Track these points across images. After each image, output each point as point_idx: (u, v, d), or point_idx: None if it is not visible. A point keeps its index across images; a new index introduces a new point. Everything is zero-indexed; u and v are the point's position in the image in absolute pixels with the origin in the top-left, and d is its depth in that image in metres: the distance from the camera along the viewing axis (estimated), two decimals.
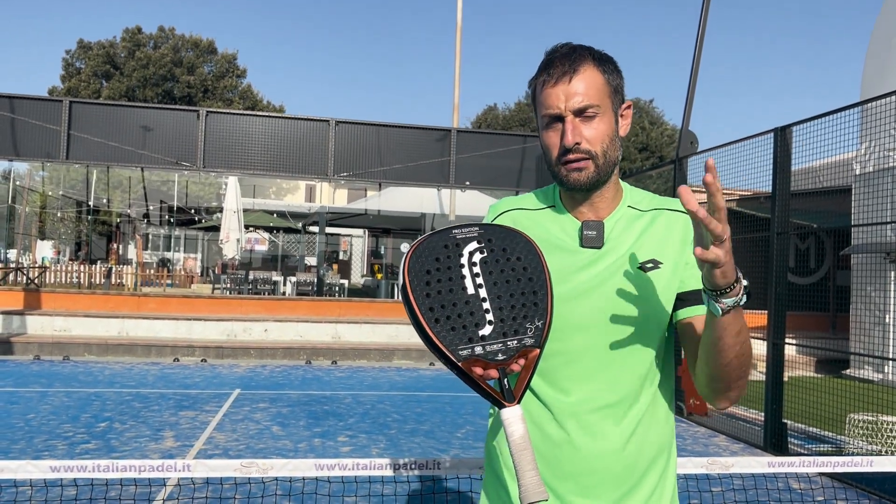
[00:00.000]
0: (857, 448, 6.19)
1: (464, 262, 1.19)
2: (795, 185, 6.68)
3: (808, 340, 10.52)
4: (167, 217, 24.68)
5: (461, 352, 1.14)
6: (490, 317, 1.17)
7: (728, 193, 11.97)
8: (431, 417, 7.45)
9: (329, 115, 11.75)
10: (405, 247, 24.58)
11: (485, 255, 1.20)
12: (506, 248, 1.20)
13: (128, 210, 26.45)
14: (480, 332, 1.15)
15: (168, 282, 20.11)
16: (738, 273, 1.16)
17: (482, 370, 1.14)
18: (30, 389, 8.21)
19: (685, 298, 1.36)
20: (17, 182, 26.42)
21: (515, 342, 1.16)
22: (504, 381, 1.15)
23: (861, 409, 6.65)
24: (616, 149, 1.37)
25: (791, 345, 6.97)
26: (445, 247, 1.20)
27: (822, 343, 11.44)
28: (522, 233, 1.23)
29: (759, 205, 10.81)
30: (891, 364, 9.68)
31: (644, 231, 1.40)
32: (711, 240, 1.07)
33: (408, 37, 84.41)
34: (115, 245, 25.96)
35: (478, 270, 1.19)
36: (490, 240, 1.20)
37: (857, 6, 73.14)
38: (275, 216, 22.55)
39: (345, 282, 18.92)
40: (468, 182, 12.23)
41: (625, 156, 31.22)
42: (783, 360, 6.35)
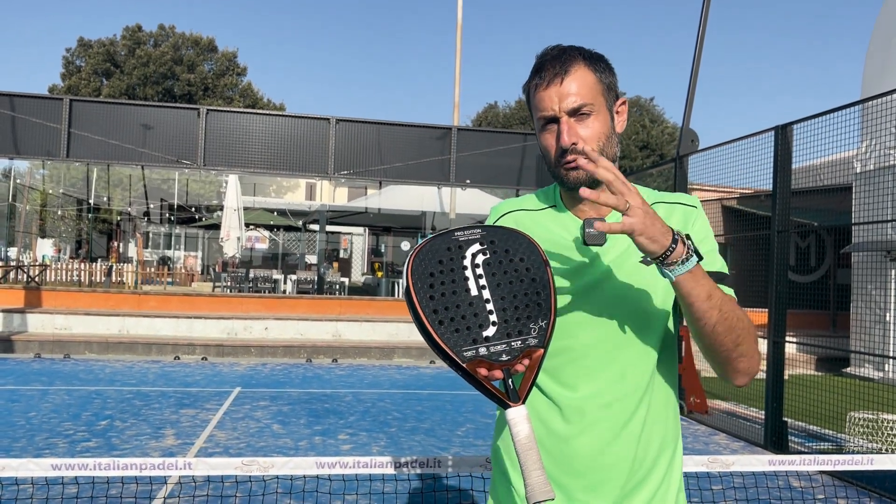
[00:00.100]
0: (858, 446, 6.19)
1: (467, 264, 1.20)
2: (796, 184, 6.68)
3: (809, 338, 10.53)
4: (168, 215, 24.69)
5: (465, 353, 1.14)
6: (494, 318, 1.17)
7: (729, 191, 11.96)
8: (432, 415, 7.46)
9: (329, 114, 11.76)
10: (406, 245, 24.61)
11: (487, 257, 1.21)
12: (508, 250, 1.20)
13: (128, 208, 26.48)
14: (484, 334, 1.16)
15: (168, 280, 20.12)
16: (678, 235, 1.18)
17: (487, 371, 1.15)
18: (31, 387, 8.22)
19: None
20: (18, 180, 26.44)
21: (519, 342, 1.17)
22: (509, 382, 1.15)
23: (861, 408, 6.65)
24: (613, 145, 1.38)
25: (792, 343, 6.98)
26: (448, 249, 1.20)
27: (823, 341, 11.44)
28: (525, 234, 1.24)
29: (760, 203, 10.81)
30: (891, 362, 9.68)
31: None
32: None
33: (408, 35, 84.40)
34: (116, 243, 25.98)
35: (481, 272, 1.20)
36: (493, 241, 1.20)
37: (858, 5, 73.10)
38: (275, 214, 22.55)
39: (345, 280, 18.92)
40: (468, 180, 12.23)
41: (625, 154, 31.19)
42: (784, 359, 6.36)
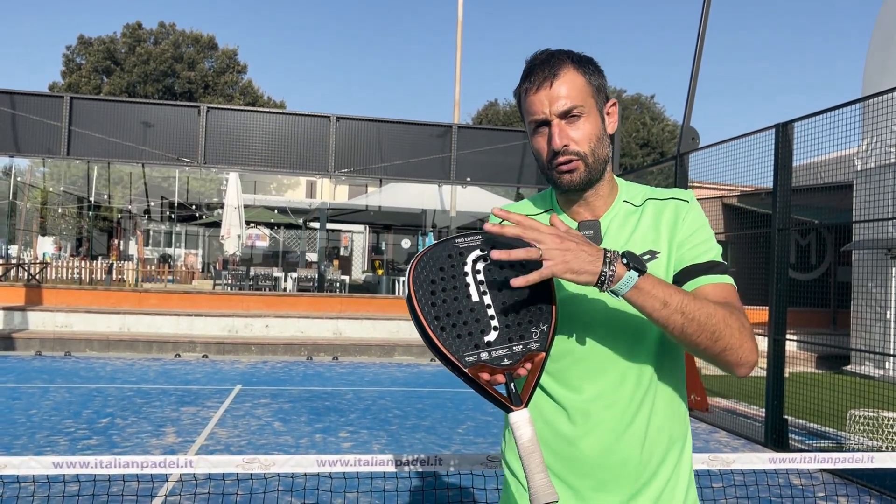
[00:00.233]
0: (858, 444, 6.20)
1: (467, 271, 1.22)
2: (797, 181, 6.68)
3: (809, 336, 10.54)
4: (168, 213, 24.68)
5: (467, 358, 1.16)
6: (495, 323, 1.19)
7: (729, 189, 11.96)
8: (432, 413, 7.46)
9: (330, 111, 11.74)
10: (406, 243, 24.59)
11: (488, 263, 1.22)
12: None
13: (129, 206, 26.46)
14: (486, 339, 1.17)
15: (169, 278, 20.14)
16: (610, 255, 1.17)
17: (489, 376, 1.16)
18: (31, 385, 8.23)
19: (678, 280, 1.37)
20: (18, 178, 26.43)
21: (521, 347, 1.18)
22: (511, 386, 1.17)
23: (862, 405, 6.65)
24: (605, 147, 1.38)
25: (792, 341, 6.97)
26: (449, 256, 1.23)
27: (823, 339, 11.44)
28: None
29: (761, 201, 10.81)
30: (891, 360, 9.69)
31: (638, 224, 1.41)
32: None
33: (409, 32, 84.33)
34: (116, 241, 25.97)
35: (482, 278, 1.21)
36: (493, 247, 1.21)
37: (859, 3, 73.01)
38: (276, 212, 22.56)
39: (346, 278, 18.92)
40: (469, 178, 12.21)
41: (626, 152, 31.17)
42: (784, 357, 6.36)
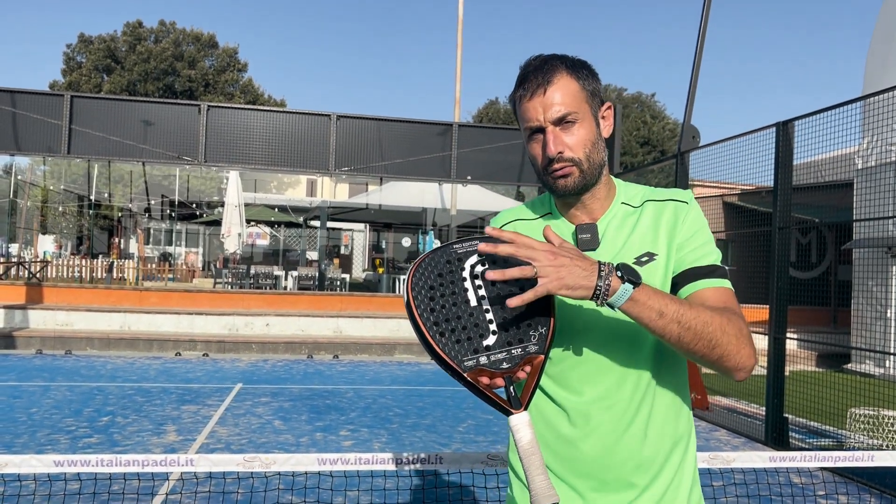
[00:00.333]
0: (858, 442, 6.20)
1: (466, 276, 1.22)
2: (797, 180, 6.68)
3: (810, 335, 10.52)
4: (168, 211, 24.69)
5: (466, 363, 1.16)
6: (493, 327, 1.19)
7: (730, 188, 11.96)
8: (433, 411, 7.47)
9: (330, 110, 11.72)
10: (406, 241, 24.59)
11: (486, 268, 1.23)
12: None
13: (129, 204, 26.46)
14: (485, 343, 1.18)
15: (170, 276, 20.14)
16: (605, 268, 1.17)
17: (488, 380, 1.17)
18: (32, 383, 8.24)
19: (677, 283, 1.36)
20: (19, 176, 26.45)
21: (520, 350, 1.19)
22: (510, 389, 1.17)
23: (862, 404, 6.65)
24: (600, 151, 1.38)
25: (792, 339, 6.97)
26: (448, 262, 1.23)
27: (824, 337, 11.43)
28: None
29: (761, 199, 10.81)
30: (892, 358, 9.69)
31: (636, 225, 1.41)
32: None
33: (409, 30, 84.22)
34: (117, 239, 26.00)
35: (480, 283, 1.22)
36: (491, 259, 1.22)
37: (860, 2, 72.89)
38: (276, 211, 22.55)
39: (346, 276, 18.93)
40: (469, 176, 12.21)
41: (626, 150, 31.16)
42: (784, 355, 6.36)
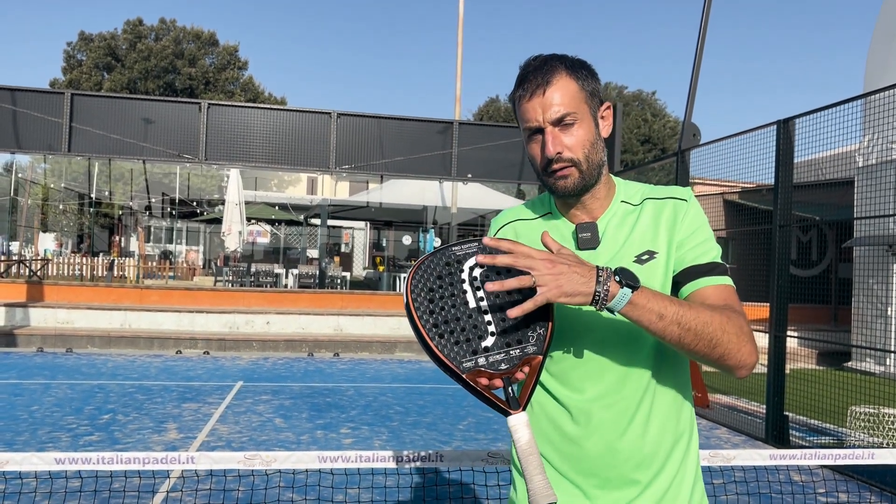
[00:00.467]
0: (859, 440, 6.20)
1: (465, 278, 1.23)
2: (798, 178, 6.67)
3: (810, 333, 10.52)
4: (169, 209, 24.70)
5: (465, 364, 1.17)
6: (492, 328, 1.20)
7: (731, 186, 11.94)
8: (433, 409, 7.48)
9: (331, 108, 11.73)
10: (407, 239, 24.59)
11: (485, 269, 1.23)
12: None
13: (130, 202, 26.48)
14: (483, 344, 1.18)
15: (170, 274, 20.16)
16: (603, 273, 1.17)
17: (487, 381, 1.17)
18: (33, 381, 8.25)
19: (678, 281, 1.36)
20: (20, 174, 26.45)
21: (518, 351, 1.19)
22: (509, 390, 1.17)
23: (862, 402, 6.65)
24: (599, 151, 1.39)
25: (793, 337, 6.97)
26: (447, 264, 1.24)
27: (824, 335, 11.43)
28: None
29: (762, 197, 10.80)
30: (892, 356, 9.69)
31: (636, 224, 1.41)
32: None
33: (410, 28, 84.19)
34: (118, 237, 25.99)
35: (479, 284, 1.22)
36: (490, 254, 1.22)
37: (860, 2, 72.77)
38: (277, 209, 22.55)
39: (347, 274, 18.94)
40: (470, 174, 12.21)
41: (627, 148, 31.15)
42: (785, 353, 6.36)
